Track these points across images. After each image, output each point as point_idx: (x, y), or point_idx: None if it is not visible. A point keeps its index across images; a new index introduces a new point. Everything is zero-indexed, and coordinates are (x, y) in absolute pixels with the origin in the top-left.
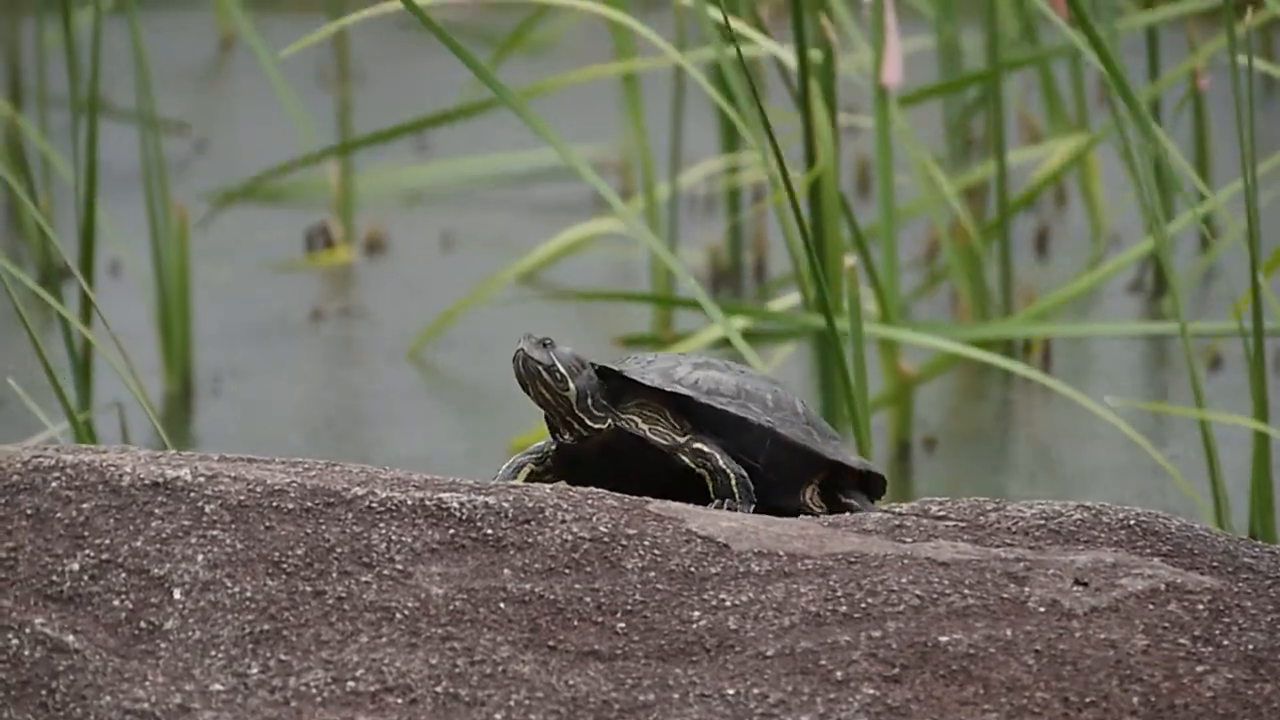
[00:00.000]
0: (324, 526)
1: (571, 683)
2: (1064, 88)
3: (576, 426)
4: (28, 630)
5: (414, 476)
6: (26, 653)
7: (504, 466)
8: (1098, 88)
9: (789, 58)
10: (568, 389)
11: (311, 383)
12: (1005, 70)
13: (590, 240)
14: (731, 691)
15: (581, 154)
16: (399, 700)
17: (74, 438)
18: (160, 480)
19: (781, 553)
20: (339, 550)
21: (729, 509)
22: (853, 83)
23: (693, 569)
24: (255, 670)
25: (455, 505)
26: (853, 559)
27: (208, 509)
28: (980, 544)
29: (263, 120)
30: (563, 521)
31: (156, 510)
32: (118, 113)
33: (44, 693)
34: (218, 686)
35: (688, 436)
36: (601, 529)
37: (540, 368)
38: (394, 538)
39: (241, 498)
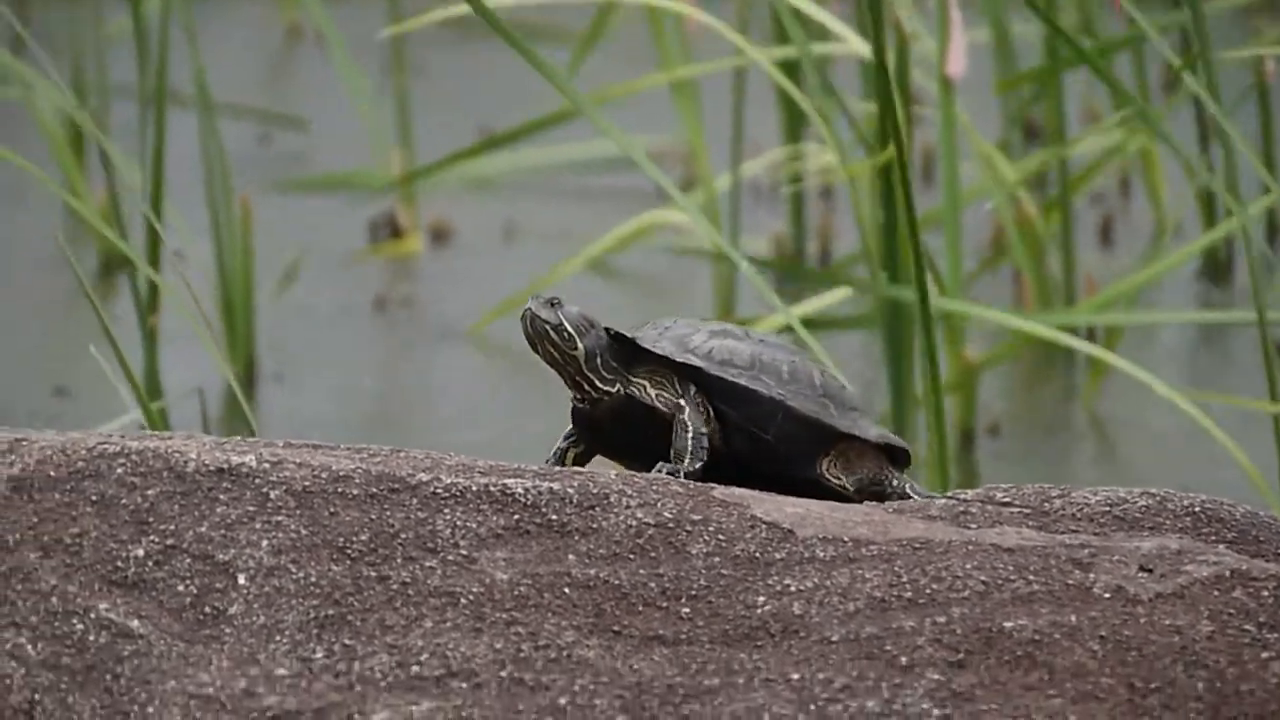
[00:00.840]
0: (389, 512)
1: (636, 667)
2: (1128, 80)
3: (586, 386)
4: (93, 615)
5: (479, 462)
6: (91, 638)
7: (548, 458)
8: (1161, 76)
9: (864, 47)
10: (575, 348)
11: (376, 370)
12: (1066, 66)
13: (655, 229)
14: (796, 676)
15: (646, 144)
16: (463, 685)
17: (147, 425)
18: (225, 466)
19: (846, 538)
20: (404, 536)
21: (668, 472)
22: (916, 72)
23: (758, 554)
24: (320, 655)
25: (520, 491)
26: (918, 545)
27: (273, 495)
28: (1045, 530)
29: (328, 111)
30: (627, 507)
31: (221, 496)
32: (189, 102)
33: (109, 678)
34: (282, 671)
35: (681, 397)
36: (666, 514)
37: (548, 327)
38: (459, 523)
39: (306, 484)
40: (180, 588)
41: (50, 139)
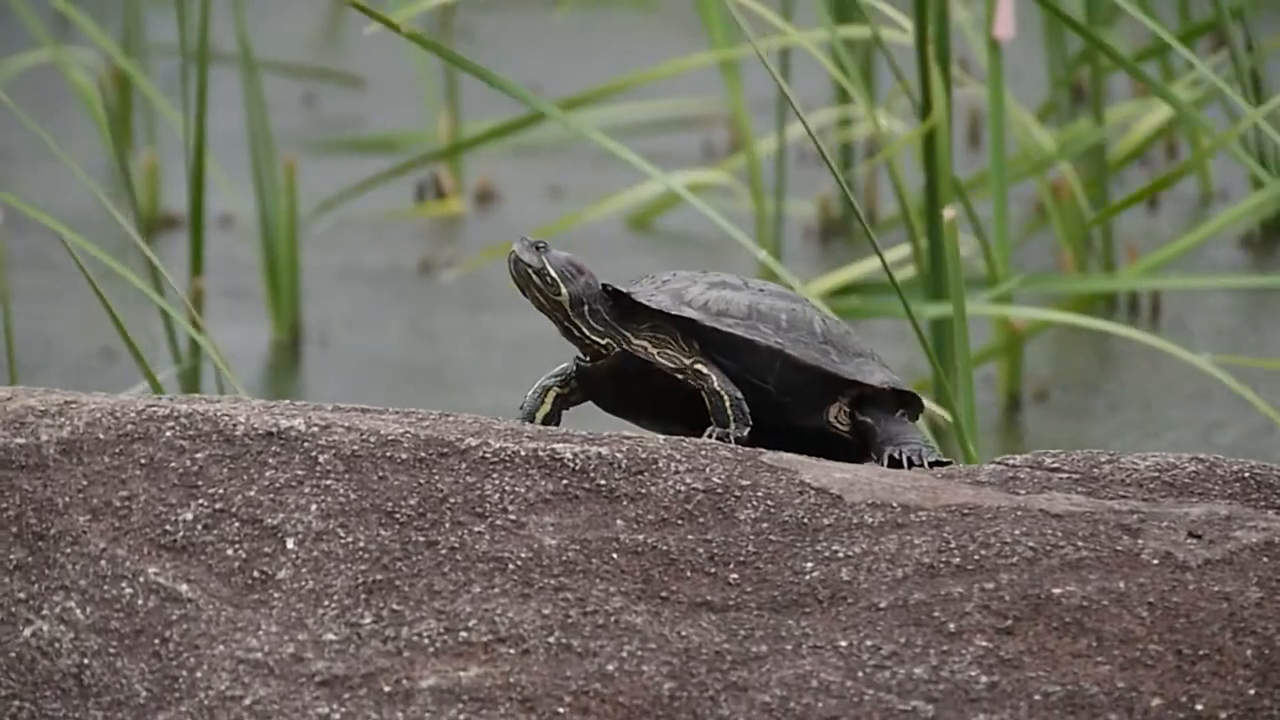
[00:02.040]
0: (437, 477)
1: (684, 633)
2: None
3: (576, 333)
4: (141, 579)
5: (527, 427)
6: (140, 602)
7: (530, 392)
8: (1210, 41)
9: (904, 20)
10: (559, 293)
11: (421, 333)
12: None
13: (698, 190)
14: (844, 643)
15: (692, 108)
16: (511, 650)
17: (181, 388)
18: (274, 430)
19: (895, 504)
20: (452, 500)
21: (718, 436)
22: (963, 35)
23: (806, 520)
24: (368, 620)
25: (568, 456)
26: (966, 510)
27: (321, 459)
28: (1094, 496)
29: (374, 74)
30: (675, 472)
31: (270, 460)
32: (232, 61)
33: (157, 642)
34: (330, 636)
35: (693, 358)
36: (714, 480)
37: (530, 270)
38: (507, 488)
39: (355, 448)
40: (229, 552)
41: (89, 100)
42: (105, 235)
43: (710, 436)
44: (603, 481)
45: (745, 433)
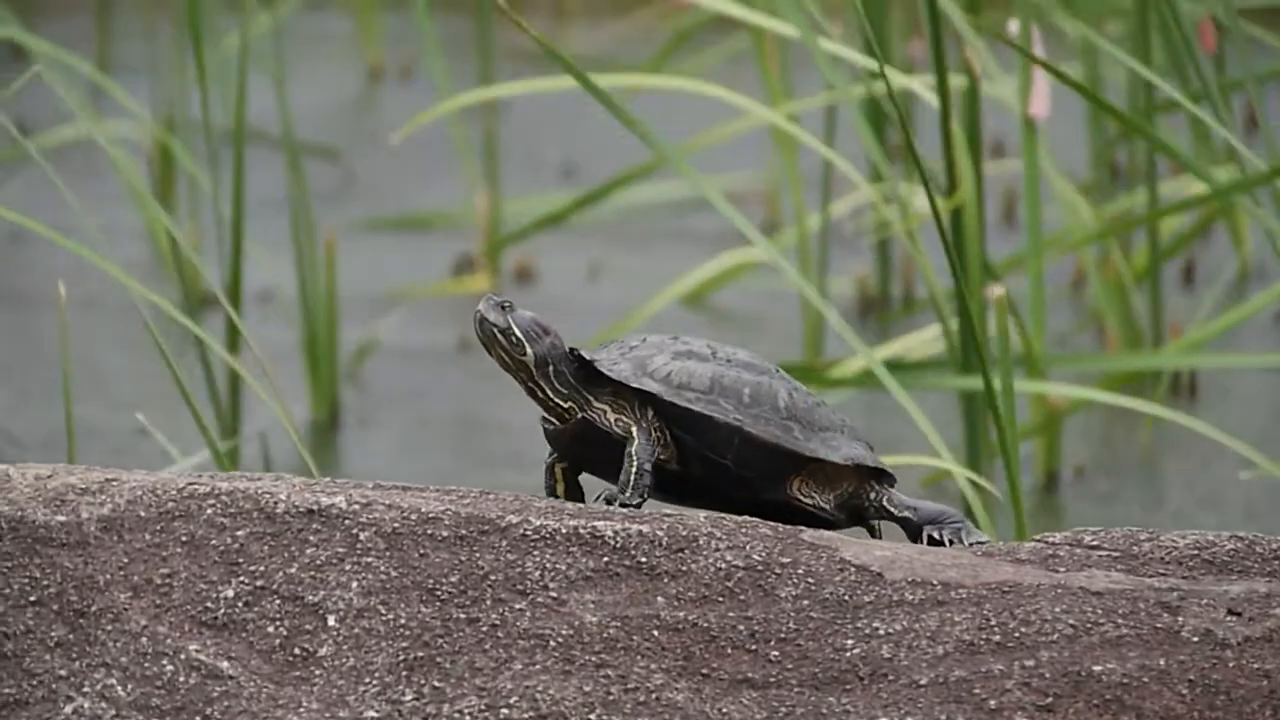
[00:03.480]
0: (478, 554)
1: (725, 710)
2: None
3: (540, 394)
4: (182, 656)
5: (567, 505)
6: (181, 679)
7: (546, 469)
8: (1245, 122)
9: (929, 93)
10: (524, 353)
11: (461, 411)
12: (1158, 112)
13: (742, 269)
14: None
15: (729, 184)
16: None
17: (218, 466)
18: (315, 508)
19: (935, 581)
20: (493, 577)
21: (606, 499)
22: (999, 113)
23: (846, 597)
24: (409, 697)
25: (609, 533)
26: (1006, 588)
27: (362, 536)
28: (1134, 573)
29: (410, 150)
30: (716, 550)
31: (311, 537)
32: (268, 140)
33: (198, 719)
34: (372, 714)
35: (634, 426)
36: (755, 557)
37: (496, 330)
38: (548, 565)
39: (396, 525)
40: (270, 629)
41: (127, 176)
42: (142, 309)
43: (598, 500)
44: (644, 559)
45: (637, 503)
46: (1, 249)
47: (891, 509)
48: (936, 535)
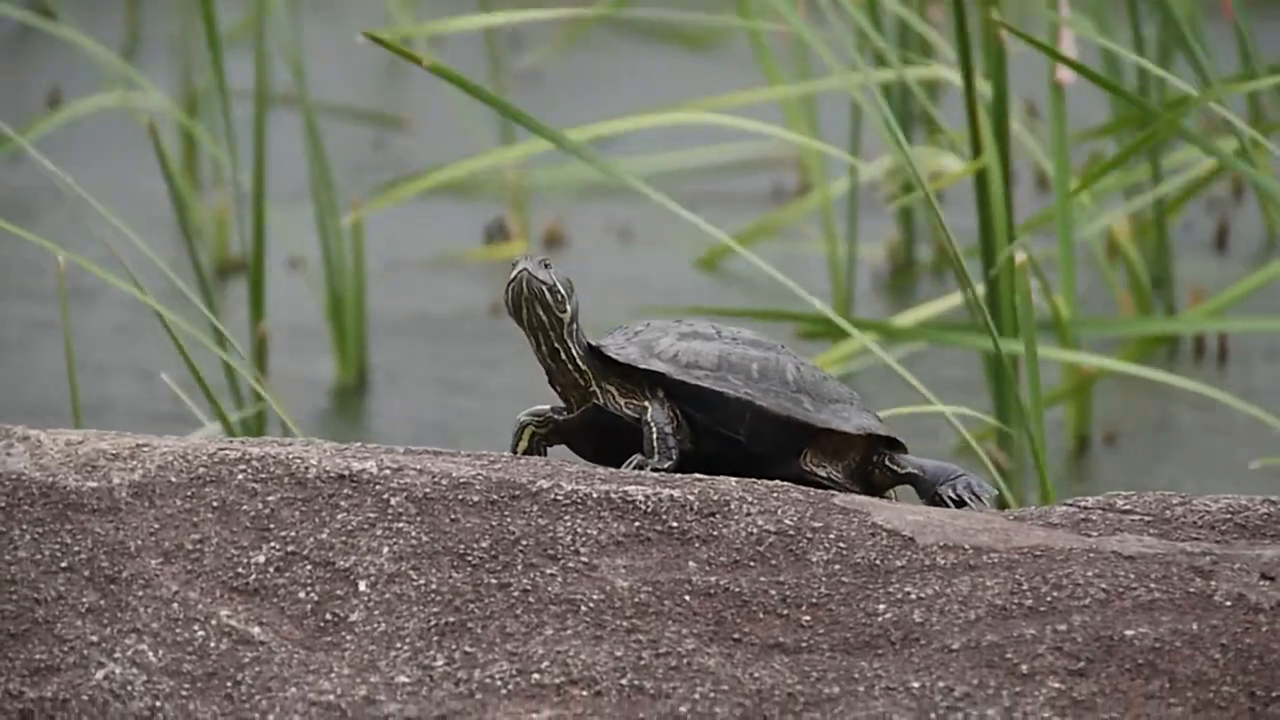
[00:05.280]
0: (509, 519)
1: (756, 675)
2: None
3: (564, 355)
4: (214, 622)
5: (598, 469)
6: (212, 644)
7: (514, 431)
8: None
9: (952, 74)
10: (565, 310)
11: (492, 375)
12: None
13: (768, 233)
14: (916, 685)
15: (757, 150)
16: (583, 693)
17: (243, 432)
18: (346, 473)
19: (967, 546)
20: (524, 543)
21: (636, 466)
22: (1028, 80)
23: (878, 562)
24: (440, 662)
25: (640, 498)
26: (1038, 553)
27: (393, 501)
28: (1166, 538)
29: (439, 116)
30: (748, 514)
31: (342, 503)
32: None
33: (229, 684)
34: (403, 679)
35: (647, 401)
36: (786, 522)
37: (544, 288)
38: (579, 530)
39: (427, 490)
40: (301, 594)
41: (156, 143)
42: (170, 279)
43: (628, 467)
44: (675, 524)
45: (667, 466)
46: (26, 218)
47: (896, 467)
48: (953, 494)
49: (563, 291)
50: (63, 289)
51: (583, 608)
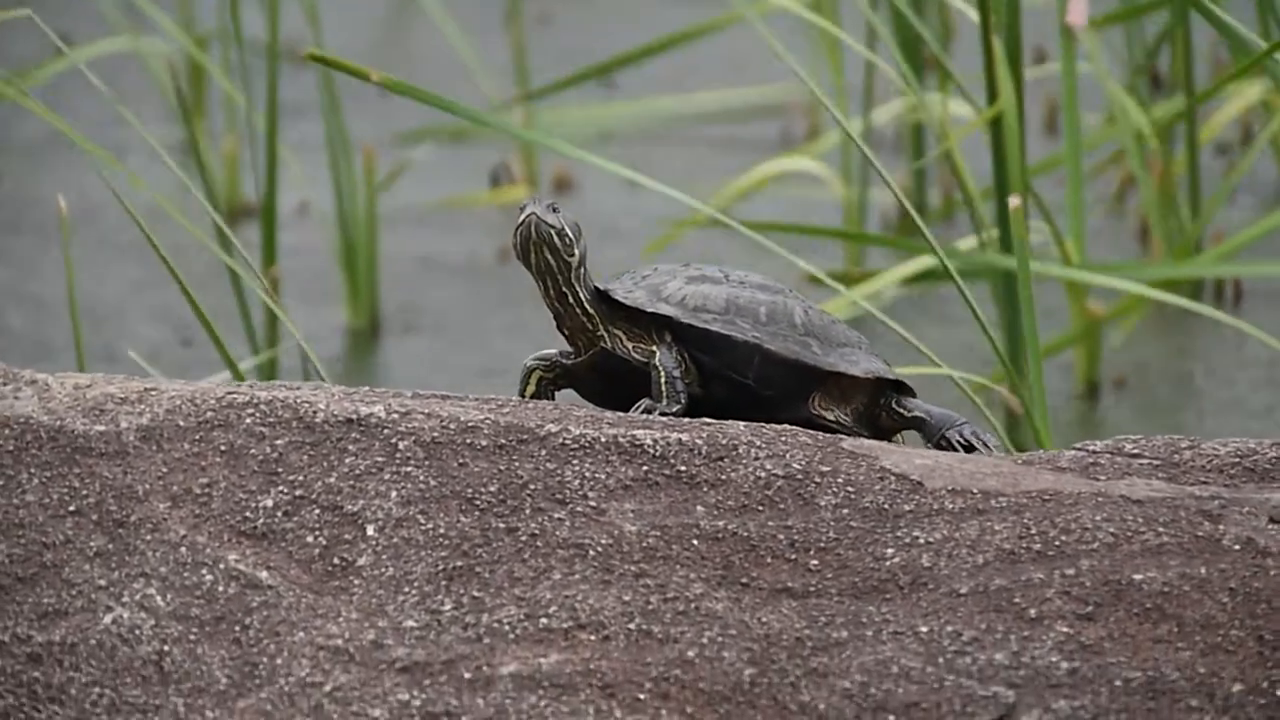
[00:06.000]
0: (517, 463)
1: (764, 620)
2: (1253, 25)
3: (571, 298)
4: (222, 566)
5: (606, 414)
6: (221, 589)
7: (521, 376)
8: None
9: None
10: (573, 253)
11: (500, 321)
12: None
13: (778, 178)
14: (925, 629)
15: (768, 94)
16: (591, 637)
17: (260, 376)
18: (354, 417)
19: (975, 490)
20: (532, 487)
21: (645, 410)
22: (1040, 22)
23: (886, 506)
24: (448, 606)
25: (649, 442)
26: (1047, 496)
27: (401, 445)
28: (1174, 482)
29: (446, 60)
30: (756, 459)
31: (350, 447)
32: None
33: (238, 628)
34: (411, 623)
35: (655, 345)
36: (795, 466)
37: (552, 231)
38: (587, 474)
39: (435, 434)
40: (309, 539)
41: (163, 88)
42: (182, 222)
43: (636, 411)
44: (683, 468)
45: (675, 410)
46: (28, 166)
47: (904, 411)
48: (961, 439)
49: (570, 235)
50: (65, 234)
51: (590, 552)
